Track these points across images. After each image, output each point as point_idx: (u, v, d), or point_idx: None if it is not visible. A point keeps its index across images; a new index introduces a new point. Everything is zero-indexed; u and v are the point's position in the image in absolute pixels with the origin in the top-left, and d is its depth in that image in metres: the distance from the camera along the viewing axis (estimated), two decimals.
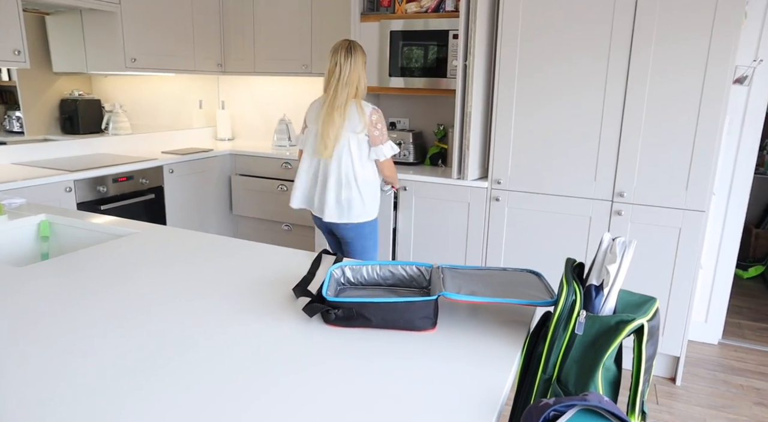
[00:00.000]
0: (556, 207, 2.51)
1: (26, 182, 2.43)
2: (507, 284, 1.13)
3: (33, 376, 0.84)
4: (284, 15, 3.44)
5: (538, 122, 2.47)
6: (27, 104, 3.44)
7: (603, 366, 0.90)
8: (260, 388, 0.83)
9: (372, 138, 2.20)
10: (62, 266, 1.32)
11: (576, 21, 2.32)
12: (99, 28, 3.13)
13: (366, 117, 2.17)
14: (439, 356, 0.95)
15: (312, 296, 1.11)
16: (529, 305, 1.05)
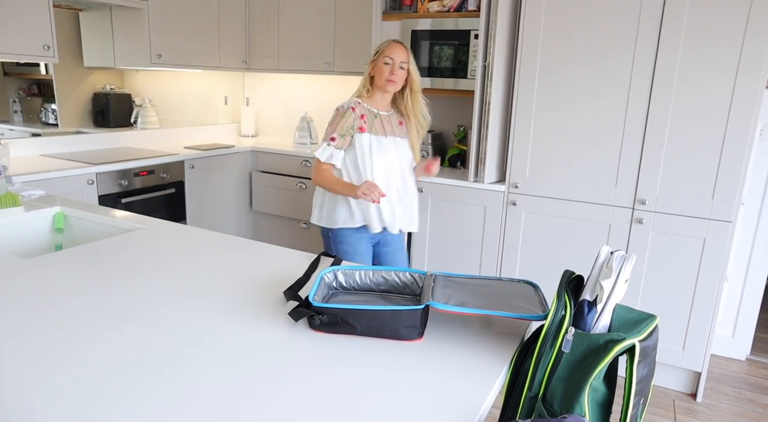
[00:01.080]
0: (575, 213, 2.43)
1: (50, 174, 2.50)
2: (500, 296, 1.10)
3: (29, 369, 0.85)
4: (308, 13, 3.45)
5: (558, 125, 2.40)
6: (62, 97, 3.55)
7: (590, 387, 0.86)
8: (238, 394, 0.82)
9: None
10: (64, 260, 1.35)
11: (600, 22, 2.24)
12: (126, 24, 3.20)
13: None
14: (422, 367, 0.93)
15: (300, 301, 1.10)
16: (518, 318, 1.02)
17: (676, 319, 2.32)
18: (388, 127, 2.06)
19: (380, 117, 2.06)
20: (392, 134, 2.06)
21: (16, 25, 2.51)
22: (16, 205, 1.70)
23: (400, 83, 2.02)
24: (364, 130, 2.01)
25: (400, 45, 2.01)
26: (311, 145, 3.59)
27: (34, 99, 3.61)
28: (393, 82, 1.98)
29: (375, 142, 2.00)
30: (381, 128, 2.04)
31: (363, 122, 2.01)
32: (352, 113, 2.00)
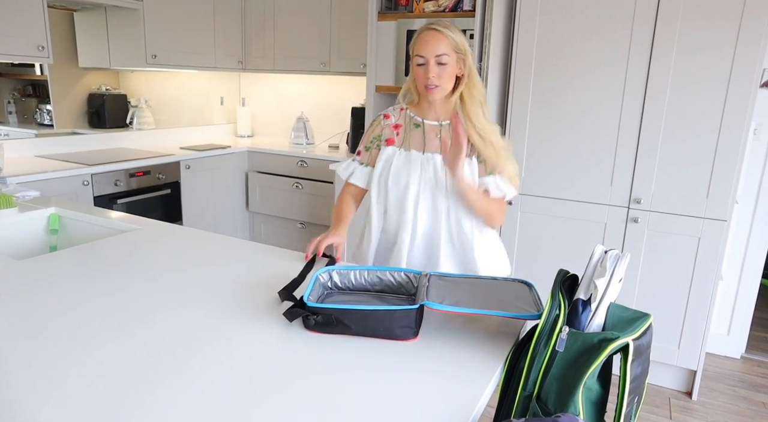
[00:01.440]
0: (571, 212, 2.44)
1: (45, 175, 2.50)
2: (494, 295, 1.10)
3: (22, 372, 0.85)
4: (304, 13, 3.45)
5: (554, 125, 2.40)
6: (57, 98, 3.54)
7: (584, 386, 0.86)
8: (232, 395, 0.82)
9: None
10: (58, 261, 1.35)
11: (595, 22, 2.25)
12: (121, 24, 3.19)
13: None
14: (417, 367, 0.93)
15: (295, 301, 1.10)
16: (512, 317, 1.02)
17: (672, 317, 2.33)
18: (432, 141, 1.52)
19: (424, 127, 1.54)
20: (437, 150, 1.50)
21: (10, 25, 2.50)
22: (10, 206, 1.69)
23: (446, 86, 1.46)
24: (392, 142, 1.55)
25: (433, 32, 1.44)
26: (307, 145, 3.59)
27: (29, 100, 3.60)
28: (434, 88, 1.44)
29: (400, 157, 1.52)
30: (420, 141, 1.52)
31: (395, 133, 1.56)
32: (383, 121, 1.59)
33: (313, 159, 3.27)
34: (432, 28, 1.44)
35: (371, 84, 2.98)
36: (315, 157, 3.27)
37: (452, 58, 1.44)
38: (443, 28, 1.44)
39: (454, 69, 1.45)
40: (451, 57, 1.43)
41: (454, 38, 1.44)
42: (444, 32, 1.43)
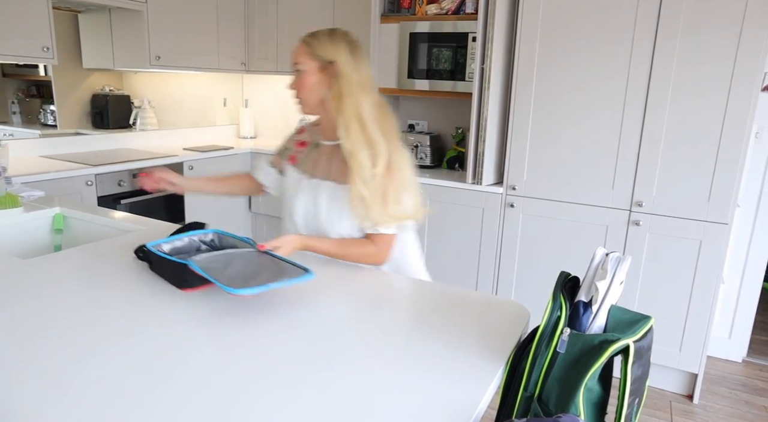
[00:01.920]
0: (572, 215, 2.44)
1: (49, 175, 2.51)
2: (265, 266, 1.18)
3: (26, 372, 0.86)
4: (306, 15, 3.46)
5: (556, 127, 2.41)
6: (60, 99, 3.56)
7: (585, 387, 0.87)
8: (243, 394, 0.83)
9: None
10: (63, 260, 1.36)
11: (596, 22, 2.25)
12: (126, 26, 3.21)
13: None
14: (417, 367, 0.93)
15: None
16: (293, 284, 1.12)
17: (673, 320, 2.33)
18: (323, 165, 1.43)
19: (321, 149, 1.45)
20: (326, 176, 1.42)
21: (15, 26, 2.51)
22: (15, 206, 1.70)
23: (306, 98, 1.37)
24: (294, 161, 1.52)
25: (299, 41, 1.37)
26: None
27: (33, 100, 3.62)
28: (295, 101, 1.39)
29: (293, 180, 1.48)
30: (313, 164, 1.46)
31: (298, 151, 1.52)
32: (295, 135, 1.57)
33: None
34: (304, 37, 1.36)
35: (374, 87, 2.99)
36: None
37: (309, 66, 1.33)
38: (307, 36, 1.36)
39: (313, 78, 1.33)
40: (307, 65, 1.33)
41: (313, 44, 1.33)
42: (305, 40, 1.35)
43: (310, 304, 1.18)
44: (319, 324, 1.08)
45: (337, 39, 1.33)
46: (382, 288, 1.28)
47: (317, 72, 1.33)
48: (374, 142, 1.30)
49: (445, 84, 2.83)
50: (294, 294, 1.22)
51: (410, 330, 1.07)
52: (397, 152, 1.35)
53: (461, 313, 1.21)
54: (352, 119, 1.29)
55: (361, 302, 1.19)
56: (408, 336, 1.05)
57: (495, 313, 1.20)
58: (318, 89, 1.34)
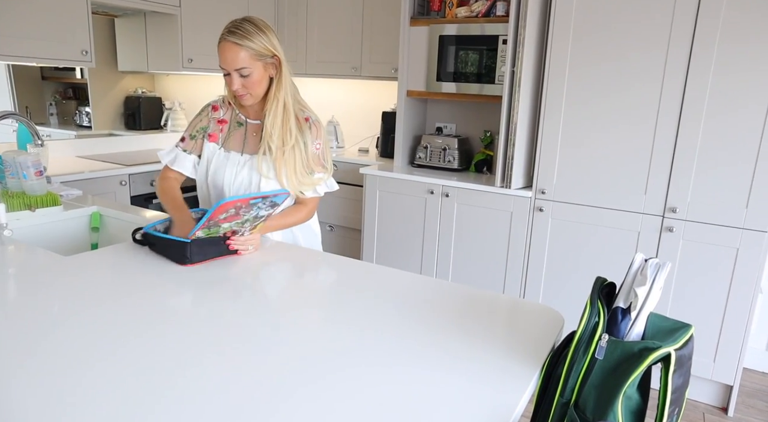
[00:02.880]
0: (603, 220, 2.40)
1: (85, 175, 2.58)
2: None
3: (62, 366, 0.88)
4: (336, 18, 3.48)
5: (587, 131, 2.38)
6: (95, 101, 3.66)
7: (624, 395, 0.85)
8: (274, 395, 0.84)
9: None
10: (101, 257, 1.39)
11: (631, 24, 2.22)
12: (160, 29, 3.28)
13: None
14: (451, 371, 0.93)
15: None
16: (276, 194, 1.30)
17: (707, 330, 2.27)
18: (251, 141, 1.58)
19: (247, 127, 1.60)
20: (255, 151, 1.57)
21: (56, 31, 2.59)
22: (56, 204, 1.75)
23: (256, 92, 1.50)
24: (215, 138, 1.60)
25: (229, 44, 1.42)
26: (337, 149, 3.62)
27: (69, 102, 3.73)
28: (243, 96, 1.50)
29: (219, 158, 1.58)
30: (239, 141, 1.59)
31: (218, 128, 1.61)
32: (211, 113, 1.62)
33: (343, 162, 3.30)
34: (228, 40, 1.42)
35: (402, 89, 3.00)
36: (345, 160, 3.30)
37: (256, 67, 1.45)
38: (240, 38, 1.41)
39: (262, 75, 1.47)
40: (254, 67, 1.44)
41: (255, 47, 1.42)
42: (242, 44, 1.41)
43: (338, 306, 1.18)
44: (344, 325, 1.08)
45: (267, 32, 1.46)
46: (410, 290, 1.28)
47: (263, 68, 1.47)
48: (291, 121, 1.52)
49: (474, 87, 2.81)
50: (325, 295, 1.23)
51: (440, 333, 1.07)
52: (314, 119, 1.59)
53: (493, 317, 1.20)
54: (279, 102, 1.50)
55: (388, 304, 1.19)
56: (438, 340, 1.04)
57: (528, 318, 1.18)
58: (265, 81, 1.50)
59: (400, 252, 2.97)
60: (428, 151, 3.01)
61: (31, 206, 1.69)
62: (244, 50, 1.42)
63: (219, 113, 1.62)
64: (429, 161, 3.02)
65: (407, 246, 2.94)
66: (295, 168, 1.53)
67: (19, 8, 2.45)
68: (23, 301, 1.11)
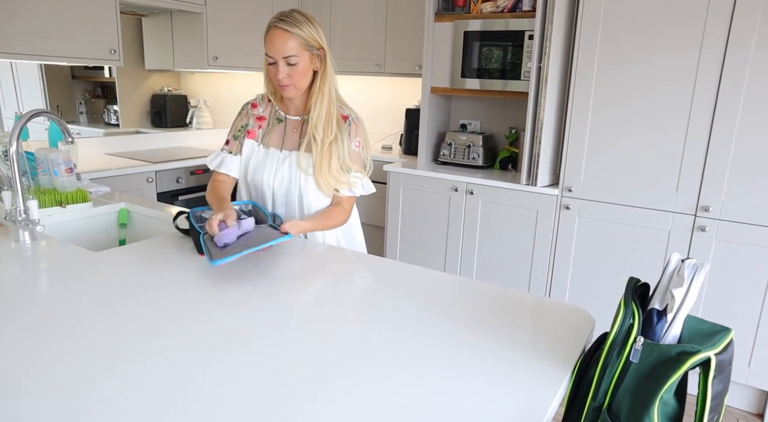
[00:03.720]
0: (632, 219, 2.35)
1: (114, 172, 2.62)
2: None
3: (84, 361, 0.89)
4: (359, 15, 3.48)
5: (616, 127, 2.32)
6: (123, 99, 3.72)
7: (660, 400, 0.82)
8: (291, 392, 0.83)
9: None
10: (129, 253, 1.41)
11: (663, 22, 2.15)
12: (186, 28, 3.31)
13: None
14: (478, 374, 0.91)
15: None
16: (272, 244, 1.29)
17: (742, 333, 2.20)
18: (292, 137, 1.57)
19: (286, 123, 1.59)
20: (295, 147, 1.56)
21: (86, 31, 2.64)
22: (85, 201, 1.78)
23: (300, 84, 1.48)
24: (254, 135, 1.60)
25: (279, 31, 1.40)
26: None
27: (98, 101, 3.80)
28: (286, 87, 1.47)
29: (258, 155, 1.58)
30: (279, 137, 1.58)
31: (257, 125, 1.61)
32: (250, 110, 1.62)
33: None
34: (278, 27, 1.40)
35: (426, 86, 2.97)
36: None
37: (303, 57, 1.43)
38: (290, 26, 1.40)
39: (308, 66, 1.46)
40: (302, 56, 1.43)
41: (304, 36, 1.41)
42: (292, 31, 1.40)
43: (362, 304, 1.17)
44: (368, 324, 1.07)
45: (315, 23, 1.45)
46: (435, 288, 1.26)
47: (309, 60, 1.46)
48: (334, 115, 1.50)
49: (499, 83, 2.77)
50: (349, 293, 1.22)
51: (466, 332, 1.05)
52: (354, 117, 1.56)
53: (521, 316, 1.18)
54: (324, 95, 1.48)
55: (413, 302, 1.18)
56: (464, 339, 1.02)
57: (557, 318, 1.15)
58: (309, 73, 1.48)
59: (423, 250, 2.95)
60: (452, 148, 2.99)
61: (61, 202, 1.72)
62: (293, 38, 1.41)
63: (258, 110, 1.62)
64: (453, 158, 2.99)
65: (431, 244, 2.92)
66: (330, 164, 1.50)
67: (50, 9, 2.49)
68: (54, 295, 1.13)
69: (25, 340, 0.94)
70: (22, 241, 1.43)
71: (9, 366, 0.86)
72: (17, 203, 1.40)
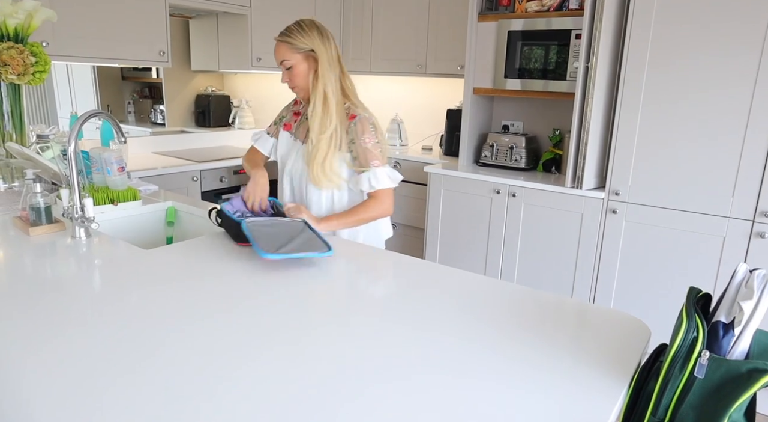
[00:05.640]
0: (683, 224, 2.26)
1: (160, 171, 2.69)
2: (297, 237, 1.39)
3: (133, 360, 0.91)
4: (402, 15, 3.46)
5: (667, 128, 2.24)
6: (169, 99, 3.82)
7: (729, 419, 0.78)
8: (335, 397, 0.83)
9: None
10: (178, 252, 1.43)
11: (720, 21, 2.06)
12: (231, 29, 3.37)
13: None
14: (530, 385, 0.89)
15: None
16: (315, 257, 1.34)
17: None
18: (305, 132, 1.75)
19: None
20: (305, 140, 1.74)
21: (137, 33, 2.72)
22: (135, 199, 1.83)
23: (302, 85, 1.65)
24: (289, 128, 1.80)
25: (276, 42, 1.63)
26: (401, 146, 3.60)
27: (145, 101, 3.91)
28: (293, 88, 1.67)
29: (287, 143, 1.78)
30: (304, 131, 1.75)
31: (293, 119, 1.80)
32: (291, 106, 1.84)
33: (407, 161, 3.28)
34: (276, 38, 1.64)
35: (469, 86, 2.94)
36: (408, 158, 3.28)
37: (295, 60, 1.61)
38: (282, 35, 1.62)
39: (303, 68, 1.62)
40: (294, 59, 1.61)
41: (292, 41, 1.59)
42: (283, 39, 1.61)
43: (404, 308, 1.16)
44: (410, 329, 1.05)
45: (307, 29, 1.61)
46: (479, 293, 1.24)
47: (303, 61, 1.62)
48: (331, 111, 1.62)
49: (543, 83, 2.72)
50: (391, 296, 1.21)
51: (514, 340, 1.02)
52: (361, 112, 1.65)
53: (570, 324, 1.14)
54: (318, 92, 1.61)
55: (456, 307, 1.16)
56: (512, 347, 1.00)
57: (610, 327, 1.11)
58: (307, 74, 1.63)
59: (463, 252, 2.92)
60: (494, 149, 2.94)
61: (113, 200, 1.77)
62: (284, 45, 1.62)
63: (298, 107, 1.82)
64: (495, 159, 2.95)
65: (471, 246, 2.89)
66: (325, 159, 1.62)
67: (103, 14, 2.58)
68: (108, 290, 1.16)
69: (82, 334, 0.97)
70: (77, 237, 1.48)
71: (69, 356, 0.88)
72: (74, 201, 1.45)
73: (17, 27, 1.77)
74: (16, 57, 1.73)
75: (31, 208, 1.49)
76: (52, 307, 1.08)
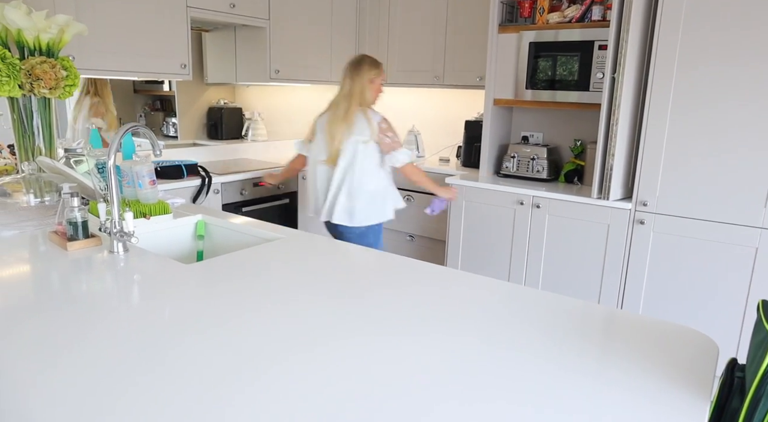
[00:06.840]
0: (713, 235, 2.24)
1: (181, 184, 2.67)
2: None
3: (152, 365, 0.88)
4: (419, 27, 3.47)
5: (695, 140, 2.23)
6: (182, 112, 3.81)
7: None
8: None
9: (383, 146, 2.33)
10: (219, 267, 1.41)
11: (751, 26, 2.06)
12: (249, 42, 3.37)
13: (374, 125, 2.30)
14: (593, 398, 0.86)
15: None
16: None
17: None
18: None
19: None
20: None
21: (160, 47, 2.71)
22: (167, 212, 1.81)
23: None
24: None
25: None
26: (418, 158, 3.59)
27: (157, 114, 3.91)
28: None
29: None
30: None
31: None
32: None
33: (426, 172, 3.25)
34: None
35: (489, 97, 2.93)
36: (427, 169, 3.26)
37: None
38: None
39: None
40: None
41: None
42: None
43: (448, 319, 1.14)
44: (459, 340, 1.03)
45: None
46: (522, 304, 1.21)
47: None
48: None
49: (565, 94, 2.71)
50: (438, 307, 1.18)
51: (574, 355, 1.00)
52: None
53: (633, 339, 1.11)
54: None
55: (504, 319, 1.13)
56: (574, 363, 0.97)
57: (672, 342, 1.09)
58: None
59: (486, 264, 2.90)
60: (515, 160, 2.93)
61: (146, 214, 1.75)
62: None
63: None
64: (516, 170, 2.93)
65: (494, 258, 2.86)
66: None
67: (125, 29, 2.57)
68: (145, 307, 1.13)
69: (116, 351, 0.94)
70: (116, 252, 1.45)
71: (107, 368, 0.86)
72: (113, 215, 1.43)
73: (49, 42, 1.76)
74: (49, 71, 1.71)
75: (69, 222, 1.47)
76: (110, 322, 1.05)
